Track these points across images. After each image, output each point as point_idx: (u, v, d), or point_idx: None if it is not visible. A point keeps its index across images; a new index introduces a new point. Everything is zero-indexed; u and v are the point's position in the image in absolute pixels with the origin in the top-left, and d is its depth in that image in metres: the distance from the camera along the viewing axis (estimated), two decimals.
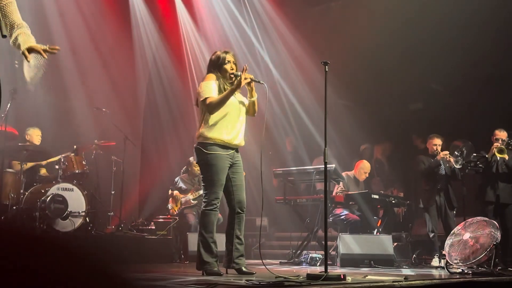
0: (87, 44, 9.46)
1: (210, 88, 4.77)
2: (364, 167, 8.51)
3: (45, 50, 3.10)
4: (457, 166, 7.30)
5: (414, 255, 7.70)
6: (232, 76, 4.86)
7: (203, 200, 4.84)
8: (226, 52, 4.93)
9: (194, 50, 10.78)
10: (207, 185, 4.79)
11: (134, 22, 10.34)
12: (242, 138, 4.93)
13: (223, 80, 4.86)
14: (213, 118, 4.77)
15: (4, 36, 2.67)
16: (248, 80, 4.78)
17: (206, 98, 4.73)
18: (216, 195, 4.79)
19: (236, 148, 4.91)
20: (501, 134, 7.32)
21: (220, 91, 4.79)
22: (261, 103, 5.13)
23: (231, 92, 4.72)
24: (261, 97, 5.06)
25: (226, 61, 4.87)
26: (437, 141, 7.57)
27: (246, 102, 4.99)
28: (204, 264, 4.76)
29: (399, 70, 10.11)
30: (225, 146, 4.80)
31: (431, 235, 7.46)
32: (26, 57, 3.04)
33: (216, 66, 4.89)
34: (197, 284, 3.29)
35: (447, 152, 7.45)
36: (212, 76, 4.85)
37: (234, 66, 4.91)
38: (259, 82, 4.94)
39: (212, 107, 4.70)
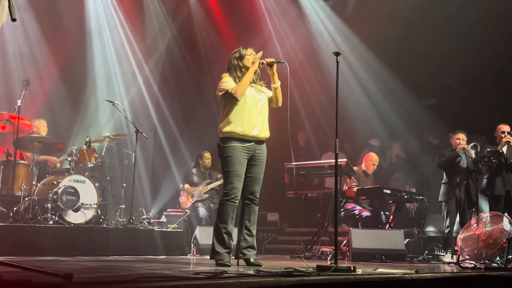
0: (99, 37, 9.49)
1: (228, 82, 4.93)
2: (372, 159, 8.52)
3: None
4: (473, 151, 7.19)
5: (426, 251, 7.63)
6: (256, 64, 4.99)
7: (223, 191, 4.90)
8: (246, 48, 5.09)
9: (209, 42, 10.79)
10: (225, 176, 4.89)
11: (148, 13, 10.35)
12: (262, 129, 4.96)
13: (240, 74, 4.97)
14: (229, 112, 4.88)
15: (14, 20, 2.67)
16: (265, 59, 4.96)
17: (227, 90, 4.87)
18: (233, 186, 4.82)
19: (256, 140, 4.93)
20: (506, 127, 7.31)
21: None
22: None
23: (250, 72, 4.89)
24: (282, 82, 5.09)
25: (249, 53, 5.03)
26: (461, 136, 7.48)
27: (269, 93, 5.08)
28: (214, 254, 4.79)
29: (412, 65, 10.03)
30: (242, 139, 4.86)
31: (447, 230, 7.36)
32: None
33: (237, 59, 5.03)
34: (205, 272, 3.28)
35: (464, 143, 7.37)
36: (226, 74, 5.02)
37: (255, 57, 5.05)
38: (279, 62, 5.03)
39: (237, 92, 4.82)
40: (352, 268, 3.98)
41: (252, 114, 4.90)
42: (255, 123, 4.90)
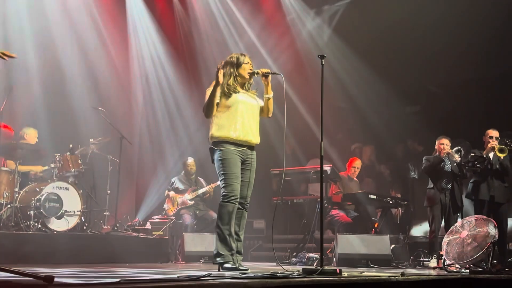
0: (84, 44, 9.43)
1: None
2: (355, 163, 8.54)
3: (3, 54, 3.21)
4: (457, 156, 7.20)
5: (411, 257, 7.64)
6: (250, 74, 4.96)
7: (222, 193, 4.83)
8: (244, 54, 5.04)
9: (193, 50, 10.78)
10: (222, 179, 4.81)
11: (131, 20, 10.33)
12: (255, 135, 4.93)
13: (233, 81, 4.90)
14: (220, 118, 4.84)
15: None
16: (260, 70, 4.91)
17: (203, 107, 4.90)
18: (232, 187, 4.75)
19: (248, 146, 4.91)
20: (494, 133, 7.31)
21: (224, 92, 4.86)
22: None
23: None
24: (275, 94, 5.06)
25: (246, 61, 4.97)
26: (445, 141, 7.48)
27: (261, 102, 5.05)
28: (218, 256, 4.69)
29: (397, 72, 10.09)
30: (235, 143, 4.82)
31: (432, 235, 7.36)
32: None
33: (234, 65, 4.95)
34: (188, 275, 3.24)
35: (448, 147, 7.38)
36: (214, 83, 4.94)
37: (252, 68, 5.01)
38: (275, 73, 4.97)
39: (204, 111, 4.88)
40: (338, 271, 3.97)
41: (244, 120, 4.86)
42: (248, 128, 4.86)
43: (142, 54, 10.44)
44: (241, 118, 4.84)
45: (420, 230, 8.77)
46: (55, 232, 6.86)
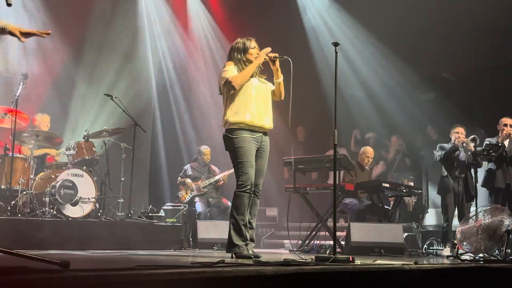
0: (98, 31, 9.45)
1: (229, 70, 4.85)
2: (367, 152, 8.49)
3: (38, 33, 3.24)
4: (472, 144, 7.15)
5: (425, 245, 7.62)
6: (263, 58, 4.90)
7: (237, 182, 4.80)
8: (250, 39, 5.00)
9: (206, 36, 10.77)
10: (237, 168, 4.79)
11: (144, 6, 10.33)
12: (268, 120, 4.91)
13: (244, 66, 4.89)
14: (235, 102, 4.81)
15: (9, 5, 2.63)
16: (267, 54, 4.85)
17: (227, 79, 4.79)
18: (248, 176, 4.73)
19: (263, 131, 4.89)
20: (509, 120, 7.27)
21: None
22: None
23: (253, 66, 4.83)
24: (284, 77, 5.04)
25: (253, 46, 4.95)
26: (460, 130, 7.45)
27: (272, 86, 5.04)
28: (233, 247, 4.68)
29: (411, 60, 10.02)
30: (250, 129, 4.80)
31: (445, 224, 7.34)
32: (19, 38, 3.19)
33: (241, 51, 4.93)
34: (202, 262, 3.26)
35: (463, 136, 7.34)
36: (230, 63, 4.92)
37: (259, 51, 4.96)
38: (282, 57, 4.92)
39: (236, 81, 4.75)
40: (350, 259, 3.96)
41: (259, 104, 4.84)
42: (262, 113, 4.84)
43: (156, 40, 10.44)
44: (255, 102, 4.82)
45: (433, 219, 8.74)
46: (70, 219, 6.92)
